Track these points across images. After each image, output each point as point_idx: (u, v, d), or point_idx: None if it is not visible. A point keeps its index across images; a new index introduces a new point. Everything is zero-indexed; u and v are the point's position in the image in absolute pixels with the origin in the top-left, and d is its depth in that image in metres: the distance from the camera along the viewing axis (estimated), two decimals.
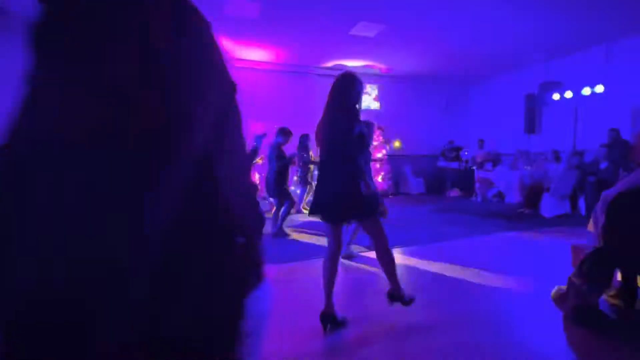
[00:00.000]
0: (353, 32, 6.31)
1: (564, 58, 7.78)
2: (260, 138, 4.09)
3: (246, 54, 7.65)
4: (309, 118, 8.04)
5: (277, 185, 4.50)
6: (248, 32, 6.36)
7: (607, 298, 2.43)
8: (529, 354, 1.83)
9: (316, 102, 10.44)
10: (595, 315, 2.11)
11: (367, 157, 2.33)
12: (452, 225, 5.36)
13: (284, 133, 4.59)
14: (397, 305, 2.42)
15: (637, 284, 2.33)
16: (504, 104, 9.27)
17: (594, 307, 2.11)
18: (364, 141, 2.09)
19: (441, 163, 9.22)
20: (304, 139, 5.76)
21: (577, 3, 5.24)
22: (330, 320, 2.08)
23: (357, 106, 2.15)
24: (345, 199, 2.06)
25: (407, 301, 2.26)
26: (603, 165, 5.67)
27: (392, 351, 1.88)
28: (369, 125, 3.07)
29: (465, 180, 8.84)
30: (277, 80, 8.50)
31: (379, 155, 8.00)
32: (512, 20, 5.87)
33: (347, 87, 2.12)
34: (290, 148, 5.11)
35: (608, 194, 2.18)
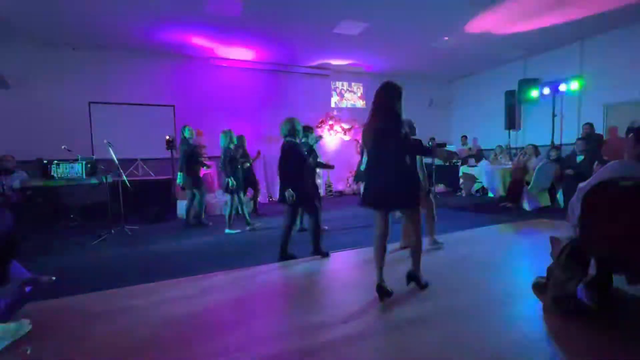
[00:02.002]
0: (337, 30, 6.32)
1: (541, 55, 8.00)
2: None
3: (229, 53, 7.56)
4: (293, 116, 8.02)
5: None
6: (231, 31, 6.28)
7: (583, 287, 2.52)
8: (511, 343, 1.89)
9: (301, 101, 10.36)
10: (573, 304, 2.18)
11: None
12: (437, 220, 5.44)
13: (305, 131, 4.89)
14: (394, 297, 2.49)
15: (610, 273, 2.43)
16: (486, 101, 9.47)
17: (572, 296, 2.19)
18: (409, 141, 2.38)
19: (426, 159, 9.37)
20: None
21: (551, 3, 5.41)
22: (382, 291, 2.44)
23: (399, 110, 2.43)
24: (395, 191, 2.42)
25: (423, 284, 2.62)
26: (579, 158, 5.87)
27: (383, 344, 1.92)
28: (410, 123, 3.29)
29: (450, 176, 9.01)
30: (262, 79, 8.44)
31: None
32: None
33: (392, 95, 2.46)
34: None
35: (583, 186, 2.26)
